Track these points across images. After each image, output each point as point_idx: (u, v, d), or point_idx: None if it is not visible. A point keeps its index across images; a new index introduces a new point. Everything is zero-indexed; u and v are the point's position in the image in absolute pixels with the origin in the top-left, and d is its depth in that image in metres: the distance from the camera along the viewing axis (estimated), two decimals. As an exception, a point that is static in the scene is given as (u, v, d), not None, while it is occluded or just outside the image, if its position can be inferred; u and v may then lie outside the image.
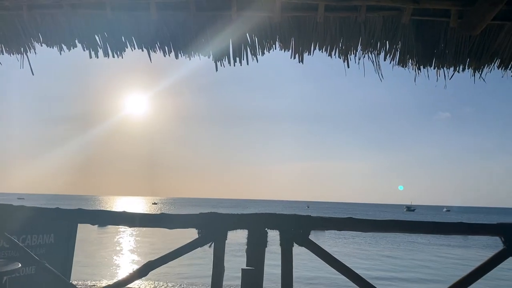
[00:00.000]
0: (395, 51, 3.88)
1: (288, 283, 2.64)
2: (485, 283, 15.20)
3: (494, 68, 3.99)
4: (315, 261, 3.01)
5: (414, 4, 3.41)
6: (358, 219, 2.75)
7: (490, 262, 2.67)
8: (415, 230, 2.86)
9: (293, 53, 3.92)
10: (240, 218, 2.72)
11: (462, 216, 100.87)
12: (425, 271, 23.46)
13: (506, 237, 2.65)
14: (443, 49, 3.83)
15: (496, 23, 3.70)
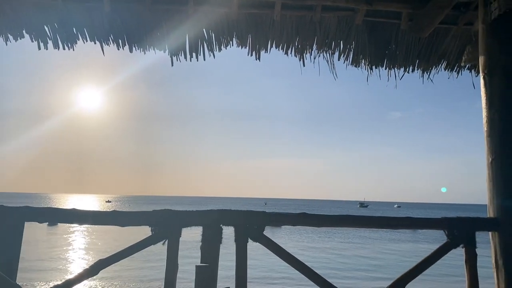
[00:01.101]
0: (349, 51, 3.99)
1: (242, 279, 2.65)
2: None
3: (441, 69, 4.18)
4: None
5: (367, 5, 3.51)
6: (311, 214, 2.81)
7: (435, 254, 2.81)
8: (365, 224, 2.96)
9: (250, 50, 3.93)
10: (195, 214, 2.71)
11: (412, 211, 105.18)
12: (375, 265, 24.32)
13: (449, 230, 2.79)
14: (394, 50, 3.97)
15: (443, 27, 3.88)
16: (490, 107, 2.94)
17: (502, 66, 2.91)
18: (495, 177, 2.83)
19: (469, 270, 2.78)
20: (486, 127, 2.95)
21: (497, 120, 2.88)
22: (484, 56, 3.01)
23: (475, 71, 3.99)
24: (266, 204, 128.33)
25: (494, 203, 2.84)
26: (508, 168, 2.81)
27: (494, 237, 2.84)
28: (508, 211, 2.77)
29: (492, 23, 2.92)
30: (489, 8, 2.93)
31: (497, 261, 2.77)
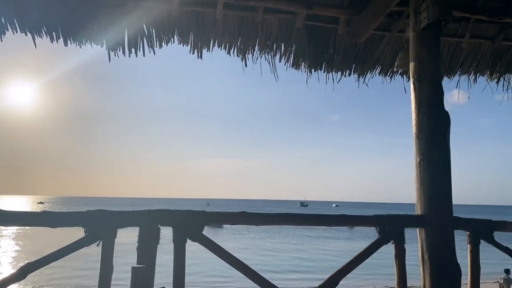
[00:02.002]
0: (290, 53, 4.06)
1: (180, 279, 2.62)
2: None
3: (375, 74, 4.38)
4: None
5: (307, 9, 3.60)
6: (250, 213, 2.83)
7: (367, 250, 2.94)
8: (303, 222, 3.03)
9: (192, 48, 3.89)
10: (131, 215, 2.63)
11: (348, 210, 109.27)
12: (314, 261, 25.02)
13: (381, 227, 2.93)
14: (332, 54, 4.11)
15: (378, 33, 4.07)
16: (418, 111, 3.13)
17: (430, 72, 3.11)
18: (422, 176, 3.01)
19: (398, 265, 2.95)
20: (415, 129, 3.14)
21: (425, 123, 3.06)
22: (414, 62, 3.19)
23: (406, 76, 4.22)
24: (209, 204, 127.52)
25: (421, 201, 3.02)
26: (435, 168, 3.00)
27: (421, 233, 3.02)
28: (433, 209, 2.95)
29: (421, 31, 3.11)
30: (419, 17, 3.11)
31: (423, 255, 2.95)
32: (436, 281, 2.85)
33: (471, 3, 3.94)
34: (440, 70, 3.22)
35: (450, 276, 2.88)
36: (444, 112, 3.08)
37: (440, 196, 2.95)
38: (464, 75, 4.47)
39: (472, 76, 4.47)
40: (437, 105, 3.08)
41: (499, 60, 4.38)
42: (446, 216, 2.94)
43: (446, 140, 3.07)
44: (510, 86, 4.54)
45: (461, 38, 4.17)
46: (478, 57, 4.34)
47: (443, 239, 2.93)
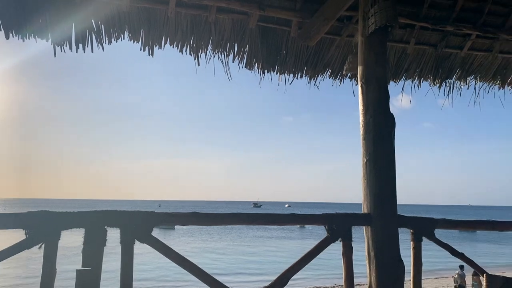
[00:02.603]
0: (243, 53, 4.08)
1: (127, 281, 2.55)
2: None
3: (326, 77, 4.49)
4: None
5: (260, 11, 3.62)
6: (201, 213, 2.81)
7: (316, 249, 3.00)
8: (254, 222, 3.04)
9: (142, 45, 3.81)
10: (75, 216, 2.53)
11: (300, 210, 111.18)
12: (264, 263, 25.23)
13: (329, 226, 3.01)
14: (284, 56, 4.17)
15: (329, 37, 4.18)
16: (365, 113, 3.23)
17: (376, 76, 3.22)
18: (368, 176, 3.11)
19: (345, 262, 3.03)
20: (362, 131, 3.24)
21: (371, 125, 3.17)
22: (362, 66, 3.30)
23: (355, 80, 4.36)
24: (160, 206, 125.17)
25: (368, 200, 3.12)
26: (380, 168, 3.11)
27: (367, 231, 3.12)
28: (379, 207, 3.06)
29: (369, 36, 3.21)
30: (367, 22, 3.21)
31: (369, 252, 3.05)
32: (381, 277, 2.95)
33: (416, 11, 4.12)
34: (386, 74, 3.34)
35: (394, 272, 2.99)
36: (389, 114, 3.21)
37: (385, 195, 3.07)
38: (409, 80, 4.66)
39: (416, 81, 4.67)
40: (383, 108, 3.20)
41: (441, 66, 4.62)
42: (391, 214, 3.06)
43: (391, 141, 3.19)
44: (451, 91, 4.79)
45: (407, 44, 4.36)
46: (422, 62, 4.56)
47: (388, 236, 3.04)
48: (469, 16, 4.30)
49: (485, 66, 4.70)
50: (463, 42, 4.49)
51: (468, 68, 4.70)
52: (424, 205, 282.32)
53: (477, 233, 54.24)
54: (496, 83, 4.84)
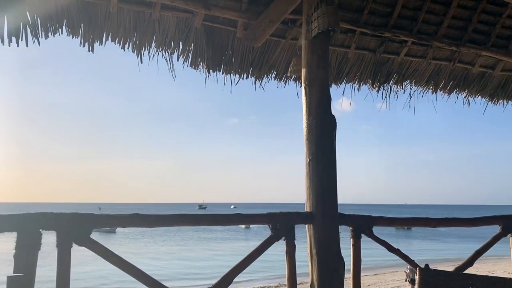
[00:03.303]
0: (188, 52, 4.04)
1: (63, 286, 2.43)
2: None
3: (271, 78, 4.55)
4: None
5: (206, 10, 3.61)
6: (143, 214, 2.74)
7: (260, 248, 3.03)
8: (197, 223, 3.02)
9: (82, 40, 3.66)
10: (7, 219, 2.38)
11: (245, 210, 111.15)
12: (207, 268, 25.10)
13: (273, 224, 3.05)
14: (230, 56, 4.17)
15: (274, 39, 4.24)
16: (309, 114, 3.31)
17: (319, 78, 3.31)
18: (311, 175, 3.19)
19: (288, 260, 3.08)
20: (305, 131, 3.32)
21: (314, 126, 3.26)
22: (305, 69, 3.38)
23: (299, 82, 4.45)
24: (100, 209, 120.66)
25: (310, 199, 3.20)
26: (322, 167, 3.20)
27: (309, 229, 3.20)
28: (321, 206, 3.15)
29: (312, 39, 3.30)
30: (311, 26, 3.30)
31: (311, 250, 3.13)
32: (322, 274, 3.04)
33: (356, 17, 4.29)
34: (328, 77, 3.44)
35: (335, 269, 3.09)
36: (331, 116, 3.31)
37: (327, 194, 3.16)
38: (349, 83, 4.84)
39: (356, 84, 4.85)
40: (325, 110, 3.29)
41: (380, 71, 4.83)
42: (332, 212, 3.16)
43: (333, 142, 3.29)
44: (388, 94, 5.02)
45: (348, 48, 4.52)
46: (362, 67, 4.74)
47: (329, 234, 3.14)
48: (405, 24, 4.54)
49: (420, 71, 4.98)
50: (400, 48, 4.73)
51: (404, 73, 4.96)
52: (363, 204, 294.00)
53: (412, 231, 57.31)
54: (430, 88, 5.14)
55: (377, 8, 4.35)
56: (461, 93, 5.28)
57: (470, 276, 2.49)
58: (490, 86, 5.33)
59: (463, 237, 44.29)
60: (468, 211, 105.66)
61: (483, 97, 5.41)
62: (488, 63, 5.15)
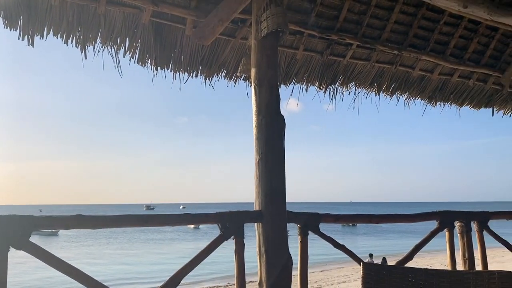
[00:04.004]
0: (135, 49, 3.94)
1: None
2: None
3: (221, 78, 4.53)
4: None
5: (154, 6, 3.54)
6: (87, 215, 2.65)
7: (209, 247, 3.02)
8: (144, 223, 2.96)
9: (21, 33, 3.46)
10: None
11: (195, 211, 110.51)
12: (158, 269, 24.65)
13: (222, 224, 3.05)
14: (179, 54, 4.12)
15: (224, 38, 4.23)
16: (258, 114, 3.34)
17: (268, 78, 3.34)
18: (260, 174, 3.22)
19: (237, 259, 3.09)
20: (255, 131, 3.34)
21: (263, 125, 3.29)
22: (255, 68, 3.40)
23: (248, 81, 4.47)
24: (41, 211, 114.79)
25: (260, 198, 3.23)
26: (271, 166, 3.24)
27: (258, 228, 3.23)
28: (270, 204, 3.19)
29: (261, 40, 3.33)
30: (260, 26, 3.32)
31: (260, 248, 3.16)
32: (270, 272, 3.07)
33: (304, 19, 4.38)
34: (277, 77, 3.49)
35: (283, 266, 3.13)
36: (280, 116, 3.35)
37: (275, 193, 3.20)
38: (298, 84, 4.93)
39: (304, 85, 4.95)
40: (274, 110, 3.33)
41: (327, 72, 4.96)
42: (281, 211, 3.20)
43: (282, 141, 3.34)
44: (335, 96, 5.16)
45: (296, 50, 4.60)
46: (310, 68, 4.85)
47: (278, 232, 3.18)
48: (351, 27, 4.70)
49: (364, 74, 5.17)
50: (346, 51, 4.88)
51: (350, 75, 5.12)
52: (311, 202, 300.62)
53: (357, 227, 59.42)
54: (373, 90, 5.35)
55: (324, 11, 4.47)
56: (402, 95, 5.54)
57: (410, 269, 2.62)
58: (429, 89, 5.63)
59: (403, 232, 46.54)
60: (408, 208, 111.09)
61: (423, 99, 5.70)
62: (427, 66, 5.44)
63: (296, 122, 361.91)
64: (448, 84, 5.74)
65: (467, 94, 5.93)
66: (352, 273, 20.79)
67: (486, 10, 3.57)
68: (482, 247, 4.34)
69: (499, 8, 3.63)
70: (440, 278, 2.45)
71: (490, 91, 6.02)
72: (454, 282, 2.41)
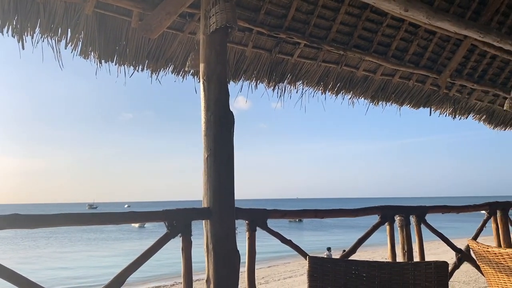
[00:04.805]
0: (78, 40, 3.77)
1: None
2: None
3: (169, 72, 4.44)
4: None
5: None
6: (24, 215, 2.50)
7: (155, 246, 2.95)
8: (89, 222, 2.84)
9: (-52, 20, 3.21)
10: None
11: (141, 209, 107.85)
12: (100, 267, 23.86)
13: (169, 221, 2.99)
14: (124, 46, 3.99)
15: (171, 32, 4.15)
16: (207, 110, 3.30)
17: (217, 74, 3.31)
18: (209, 171, 3.19)
19: (185, 257, 3.05)
20: (204, 127, 3.30)
21: (212, 121, 3.26)
22: (204, 64, 3.36)
23: (197, 77, 4.42)
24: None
25: (208, 195, 3.20)
26: (220, 163, 3.21)
27: (206, 225, 3.20)
28: (218, 201, 3.17)
29: (210, 35, 3.29)
30: (209, 21, 3.29)
31: (208, 245, 3.13)
32: (218, 268, 3.06)
33: (253, 16, 4.40)
34: (226, 73, 3.46)
35: (231, 263, 3.13)
36: (229, 112, 3.34)
37: (224, 189, 3.18)
38: (247, 81, 4.94)
39: (253, 83, 4.97)
40: (223, 106, 3.31)
41: (275, 70, 5.02)
42: (229, 207, 3.19)
43: (231, 138, 3.32)
44: (283, 94, 5.23)
45: (245, 46, 4.61)
46: (259, 65, 4.88)
47: (226, 229, 3.16)
48: (298, 26, 4.78)
49: (311, 73, 5.28)
50: (294, 49, 4.95)
51: (297, 73, 5.21)
52: (259, 199, 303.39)
53: (304, 223, 60.77)
54: (319, 89, 5.47)
55: (273, 9, 4.51)
56: (347, 94, 5.71)
57: (354, 262, 2.71)
58: (371, 89, 5.85)
59: (347, 227, 48.18)
60: (352, 203, 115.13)
61: (366, 98, 5.92)
62: (370, 67, 5.65)
63: (245, 120, 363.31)
64: (390, 85, 5.99)
65: (407, 94, 6.23)
66: (298, 268, 21.21)
67: (425, 14, 3.75)
68: (419, 239, 4.57)
69: (436, 13, 3.83)
70: (382, 269, 2.55)
71: (428, 91, 6.36)
72: (394, 273, 2.52)
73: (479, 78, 6.65)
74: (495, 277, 3.18)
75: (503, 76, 6.89)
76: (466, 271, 10.46)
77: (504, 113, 7.43)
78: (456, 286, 10.07)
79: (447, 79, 6.24)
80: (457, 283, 10.43)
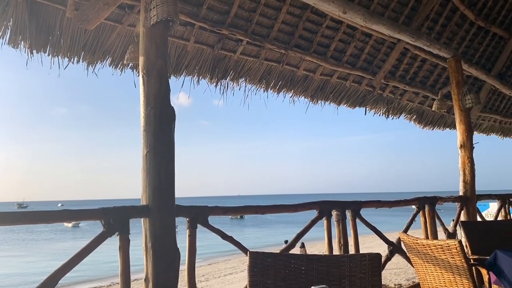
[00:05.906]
0: (6, 28, 3.52)
1: None
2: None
3: (106, 65, 4.27)
4: None
5: (27, -18, 3.19)
6: None
7: (90, 245, 2.83)
8: (17, 221, 2.66)
9: None
10: None
11: (73, 207, 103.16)
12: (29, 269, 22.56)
13: (106, 220, 2.88)
14: (58, 37, 3.78)
15: (110, 23, 4.00)
16: (146, 105, 3.21)
17: (157, 68, 3.23)
18: (148, 167, 3.11)
19: (122, 256, 2.96)
20: (143, 122, 3.21)
21: (152, 117, 3.17)
22: (144, 57, 3.26)
23: (136, 70, 4.29)
24: None
25: (147, 192, 3.12)
26: (160, 159, 3.15)
27: (145, 223, 3.12)
28: (157, 199, 3.10)
29: (150, 28, 3.20)
30: (149, 14, 3.20)
31: (146, 244, 3.06)
32: (157, 267, 3.00)
33: (196, 11, 4.34)
34: (167, 67, 3.39)
35: (170, 261, 3.08)
36: (170, 107, 3.27)
37: (164, 187, 3.12)
38: (189, 77, 4.87)
39: (195, 78, 4.91)
40: (164, 101, 3.24)
41: (218, 67, 4.99)
42: (169, 205, 3.13)
43: (172, 134, 3.26)
44: (225, 90, 5.22)
45: (187, 41, 4.55)
46: (201, 61, 4.83)
47: (165, 227, 3.11)
48: (241, 23, 4.79)
49: (254, 70, 5.31)
50: (236, 46, 4.96)
51: (240, 70, 5.22)
52: (201, 197, 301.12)
53: (245, 219, 61.22)
54: (262, 86, 5.53)
55: (215, 5, 4.48)
56: (288, 92, 5.82)
57: (293, 256, 2.78)
58: (311, 88, 6.00)
59: (287, 223, 49.21)
60: (291, 199, 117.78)
61: (306, 97, 6.06)
62: (310, 67, 5.80)
63: (186, 117, 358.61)
64: (328, 84, 6.18)
65: (344, 94, 6.46)
66: (239, 265, 21.34)
67: (362, 17, 3.91)
68: (355, 233, 4.76)
69: (372, 16, 4.01)
70: (319, 262, 2.64)
71: (363, 92, 6.64)
72: (331, 265, 2.61)
73: (410, 80, 7.05)
74: (423, 267, 3.39)
75: (432, 79, 7.36)
76: (397, 263, 11.10)
77: (433, 113, 7.95)
78: (388, 277, 10.64)
79: (381, 80, 6.55)
80: (389, 274, 11.02)
